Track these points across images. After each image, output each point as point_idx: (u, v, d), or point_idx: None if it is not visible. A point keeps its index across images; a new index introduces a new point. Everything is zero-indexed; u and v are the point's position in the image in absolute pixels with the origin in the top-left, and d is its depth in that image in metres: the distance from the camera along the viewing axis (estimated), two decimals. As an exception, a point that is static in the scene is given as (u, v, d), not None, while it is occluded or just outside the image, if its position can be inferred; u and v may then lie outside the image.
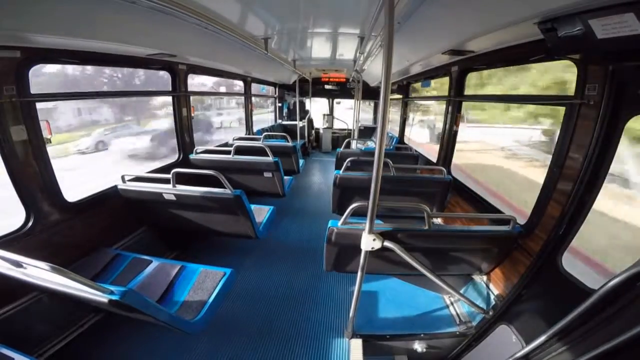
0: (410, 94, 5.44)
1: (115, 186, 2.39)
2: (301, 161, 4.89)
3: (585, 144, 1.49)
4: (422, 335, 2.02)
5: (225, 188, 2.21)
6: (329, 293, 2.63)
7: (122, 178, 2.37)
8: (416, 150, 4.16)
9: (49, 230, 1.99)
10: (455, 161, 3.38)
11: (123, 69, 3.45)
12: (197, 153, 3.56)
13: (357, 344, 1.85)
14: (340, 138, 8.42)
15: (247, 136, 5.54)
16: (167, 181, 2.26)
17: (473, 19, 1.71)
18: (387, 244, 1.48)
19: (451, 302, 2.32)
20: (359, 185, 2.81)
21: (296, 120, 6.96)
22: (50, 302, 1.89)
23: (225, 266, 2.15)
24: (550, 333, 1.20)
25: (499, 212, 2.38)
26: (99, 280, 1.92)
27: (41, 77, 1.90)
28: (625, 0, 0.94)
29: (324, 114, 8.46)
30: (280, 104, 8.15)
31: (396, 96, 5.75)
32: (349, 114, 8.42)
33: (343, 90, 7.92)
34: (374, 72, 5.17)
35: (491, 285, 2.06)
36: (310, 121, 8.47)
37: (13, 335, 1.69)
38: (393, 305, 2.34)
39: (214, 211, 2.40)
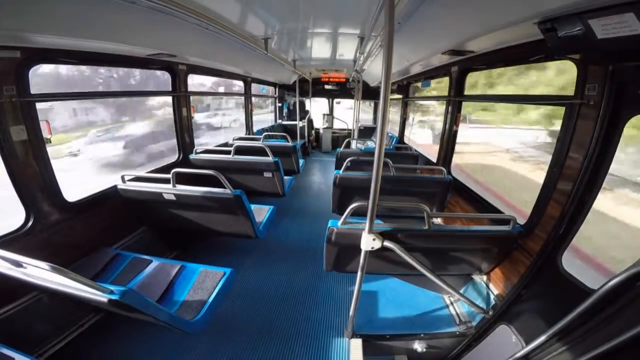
0: (410, 94, 5.44)
1: (115, 186, 2.39)
2: (301, 161, 4.89)
3: (585, 144, 1.49)
4: (422, 335, 2.02)
5: (225, 188, 2.21)
6: (329, 293, 2.63)
7: (122, 178, 2.37)
8: (416, 150, 4.16)
9: (49, 230, 1.99)
10: (463, 166, 3.25)
11: (119, 69, 3.45)
12: (197, 153, 3.57)
13: (357, 344, 1.85)
14: (340, 138, 8.42)
15: (247, 136, 5.54)
16: (167, 181, 2.26)
17: (473, 19, 1.71)
18: (387, 243, 1.48)
19: (451, 302, 2.32)
20: (359, 185, 2.81)
21: (296, 120, 6.97)
22: (50, 302, 1.88)
23: (225, 266, 2.15)
24: (550, 333, 1.20)
25: (499, 212, 2.38)
26: (99, 280, 1.93)
27: (36, 78, 1.89)
28: (625, 0, 0.94)
29: (324, 114, 8.45)
30: (280, 104, 8.15)
31: (396, 96, 5.75)
32: (349, 114, 8.42)
33: (343, 90, 7.92)
34: (374, 72, 5.16)
35: (491, 285, 2.06)
36: (310, 121, 8.46)
37: (13, 335, 1.69)
38: (393, 305, 2.34)
39: (214, 211, 2.40)
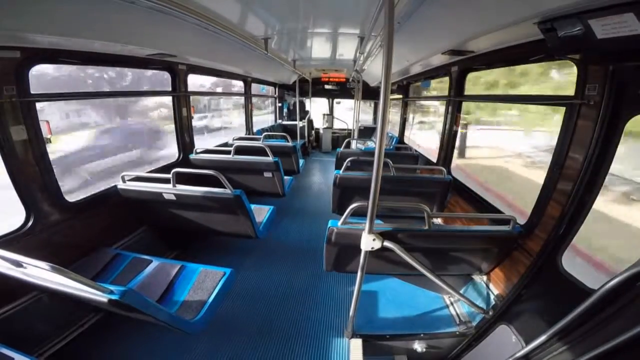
0: (410, 94, 5.44)
1: (115, 186, 2.39)
2: (301, 161, 4.89)
3: (586, 144, 1.49)
4: (422, 335, 2.02)
5: (225, 188, 2.21)
6: (329, 293, 2.63)
7: (122, 178, 2.36)
8: (416, 150, 4.16)
9: (49, 230, 1.99)
10: (473, 172, 3.15)
11: (110, 70, 3.44)
12: (197, 153, 3.57)
13: (357, 344, 1.85)
14: (340, 138, 8.42)
15: (247, 136, 5.54)
16: (167, 181, 2.26)
17: (473, 19, 1.71)
18: (387, 244, 1.48)
19: (451, 302, 2.32)
20: (359, 185, 2.81)
21: (296, 120, 6.97)
22: (50, 302, 1.88)
23: (225, 266, 2.14)
24: (550, 333, 1.20)
25: (499, 212, 2.38)
26: (99, 280, 1.93)
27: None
28: (625, 0, 0.94)
29: (324, 114, 8.46)
30: (280, 104, 8.16)
31: (396, 96, 5.75)
32: (349, 114, 8.42)
33: (343, 90, 7.92)
34: (374, 72, 5.16)
35: (491, 285, 2.05)
36: (310, 121, 8.46)
37: (13, 335, 1.69)
38: (393, 305, 2.33)
39: (214, 211, 2.40)
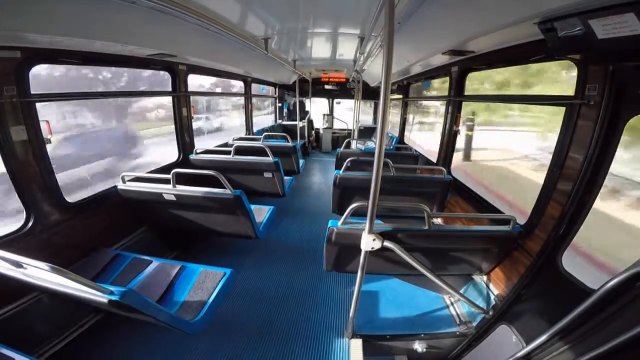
0: (410, 94, 5.44)
1: (115, 186, 2.39)
2: (301, 161, 4.89)
3: (586, 144, 1.49)
4: (422, 335, 2.02)
5: (225, 188, 2.21)
6: (329, 293, 2.62)
7: (122, 178, 2.36)
8: (416, 150, 4.16)
9: (49, 231, 1.99)
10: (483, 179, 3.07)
11: (104, 71, 3.43)
12: (197, 153, 3.57)
13: (357, 344, 1.85)
14: (340, 138, 8.42)
15: (247, 136, 5.54)
16: (167, 181, 2.26)
17: (473, 19, 1.71)
18: (387, 244, 1.48)
19: (451, 302, 2.31)
20: (359, 185, 2.81)
21: (296, 121, 6.97)
22: (50, 302, 1.88)
23: (225, 266, 2.14)
24: (550, 333, 1.20)
25: (499, 212, 2.38)
26: (99, 281, 1.92)
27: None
28: (625, 0, 0.94)
29: (324, 114, 8.46)
30: (280, 104, 8.16)
31: (396, 96, 5.75)
32: (349, 114, 8.42)
33: (343, 90, 7.92)
34: (374, 72, 5.16)
35: (491, 285, 2.05)
36: (310, 121, 8.47)
37: (13, 336, 1.69)
38: (393, 305, 2.33)
39: (214, 211, 2.40)
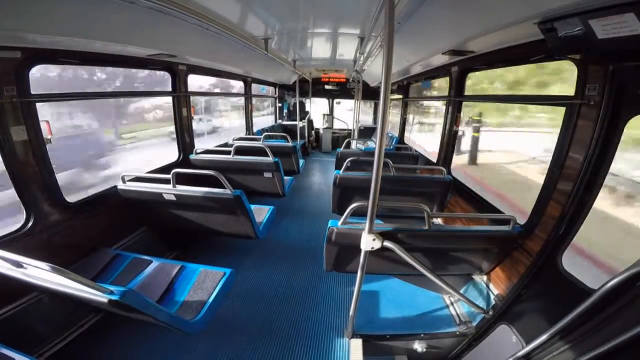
0: (410, 94, 5.44)
1: (115, 186, 2.39)
2: (301, 161, 4.89)
3: (586, 144, 1.49)
4: (422, 335, 2.02)
5: (225, 188, 2.21)
6: (329, 293, 2.62)
7: (122, 178, 2.36)
8: (416, 150, 4.16)
9: (49, 231, 1.99)
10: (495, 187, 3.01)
11: (99, 72, 3.41)
12: (197, 153, 3.57)
13: (357, 344, 1.85)
14: (340, 138, 8.42)
15: (247, 136, 5.54)
16: (167, 181, 2.26)
17: (473, 19, 1.71)
18: (387, 244, 1.48)
19: (451, 302, 2.31)
20: (359, 185, 2.81)
21: (296, 121, 6.97)
22: (50, 302, 1.88)
23: (225, 266, 2.14)
24: (550, 333, 1.20)
25: (499, 212, 2.38)
26: (99, 281, 1.92)
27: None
28: (625, 0, 0.94)
29: (324, 114, 8.47)
30: (280, 104, 8.16)
31: (396, 96, 5.75)
32: (349, 115, 8.42)
33: (343, 90, 7.92)
34: (374, 72, 5.16)
35: (491, 285, 2.05)
36: (310, 121, 8.47)
37: (13, 336, 1.69)
38: (393, 305, 2.33)
39: (214, 211, 2.40)
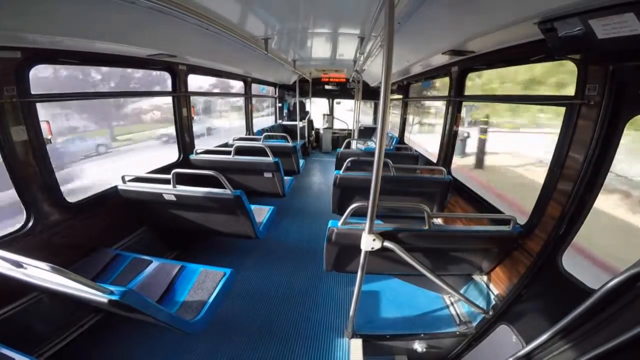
0: (410, 94, 5.44)
1: (116, 186, 2.39)
2: (301, 161, 4.89)
3: (586, 144, 1.49)
4: (422, 335, 2.02)
5: (225, 188, 2.21)
6: (329, 293, 2.62)
7: (122, 178, 2.37)
8: (416, 150, 4.16)
9: (49, 231, 1.99)
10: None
11: (95, 74, 3.40)
12: (197, 153, 3.57)
13: (357, 344, 1.85)
14: (341, 138, 8.42)
15: (248, 136, 5.54)
16: (167, 181, 2.26)
17: (473, 19, 1.71)
18: (387, 244, 1.48)
19: (451, 302, 2.31)
20: (359, 185, 2.81)
21: (296, 121, 6.97)
22: (50, 302, 1.88)
23: (225, 266, 2.14)
24: (551, 333, 1.20)
25: (499, 212, 2.38)
26: (99, 281, 1.92)
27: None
28: (625, 0, 0.94)
29: (324, 114, 8.47)
30: (280, 104, 8.16)
31: (396, 96, 5.75)
32: (349, 115, 8.42)
33: (343, 90, 7.92)
34: (374, 72, 5.16)
35: (491, 285, 2.05)
36: (310, 121, 8.47)
37: (13, 336, 1.69)
38: (393, 305, 2.33)
39: (214, 211, 2.40)
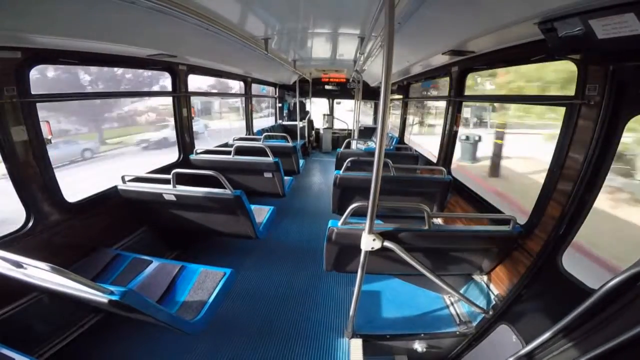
0: (410, 95, 5.44)
1: (116, 186, 2.39)
2: (301, 161, 4.89)
3: (586, 144, 1.50)
4: (422, 335, 2.02)
5: (225, 188, 2.21)
6: (329, 293, 2.62)
7: (122, 178, 2.37)
8: (416, 150, 4.17)
9: (49, 231, 1.99)
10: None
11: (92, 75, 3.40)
12: (197, 153, 3.57)
13: (357, 344, 1.86)
14: (341, 138, 8.42)
15: (248, 136, 5.54)
16: (167, 181, 2.26)
17: (473, 19, 1.71)
18: (387, 244, 1.48)
19: (451, 302, 2.32)
20: (359, 185, 2.81)
21: (296, 121, 6.98)
22: (50, 302, 1.88)
23: (225, 266, 2.14)
24: (551, 332, 1.20)
25: (499, 212, 2.38)
26: (99, 281, 1.92)
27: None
28: (625, 0, 0.94)
29: (324, 114, 8.47)
30: (280, 104, 8.17)
31: (396, 96, 5.75)
32: (349, 115, 8.42)
33: (343, 90, 7.92)
34: (374, 72, 5.16)
35: (491, 285, 2.05)
36: (311, 121, 8.47)
37: (13, 336, 1.69)
38: (393, 305, 2.33)
39: (214, 211, 2.40)
